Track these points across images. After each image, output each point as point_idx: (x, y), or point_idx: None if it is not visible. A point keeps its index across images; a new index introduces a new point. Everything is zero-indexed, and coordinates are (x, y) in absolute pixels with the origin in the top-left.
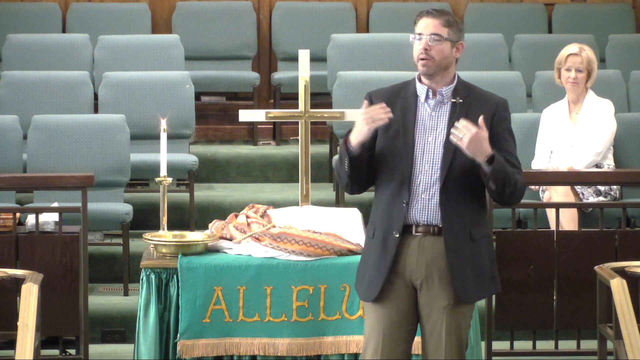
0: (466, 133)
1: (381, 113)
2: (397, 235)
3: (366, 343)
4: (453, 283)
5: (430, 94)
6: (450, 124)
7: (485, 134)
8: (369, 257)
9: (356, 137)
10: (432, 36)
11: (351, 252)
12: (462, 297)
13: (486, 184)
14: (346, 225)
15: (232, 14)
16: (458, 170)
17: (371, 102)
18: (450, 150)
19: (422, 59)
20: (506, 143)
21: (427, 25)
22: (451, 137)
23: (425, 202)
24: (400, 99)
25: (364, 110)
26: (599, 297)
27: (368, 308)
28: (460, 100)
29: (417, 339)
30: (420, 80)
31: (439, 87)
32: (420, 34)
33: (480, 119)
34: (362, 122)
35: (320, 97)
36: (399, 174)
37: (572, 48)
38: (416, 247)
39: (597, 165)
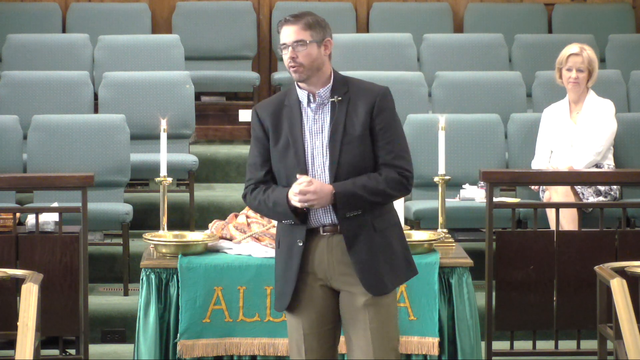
0: (311, 199)
1: (309, 191)
2: (301, 244)
3: (290, 344)
4: (362, 279)
5: (311, 97)
6: (332, 124)
7: (313, 186)
8: (277, 267)
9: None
10: (296, 43)
11: None
12: (376, 290)
13: (338, 214)
14: None
15: (232, 14)
16: (346, 169)
17: (258, 117)
18: (336, 150)
19: (292, 67)
20: (388, 135)
21: (288, 34)
22: (300, 205)
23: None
24: (285, 108)
25: (297, 196)
26: (599, 297)
27: (287, 315)
28: (339, 99)
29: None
30: (299, 86)
31: (317, 89)
32: (284, 44)
33: (299, 176)
34: (295, 201)
35: None
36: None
37: (573, 48)
38: (325, 247)
39: (597, 165)
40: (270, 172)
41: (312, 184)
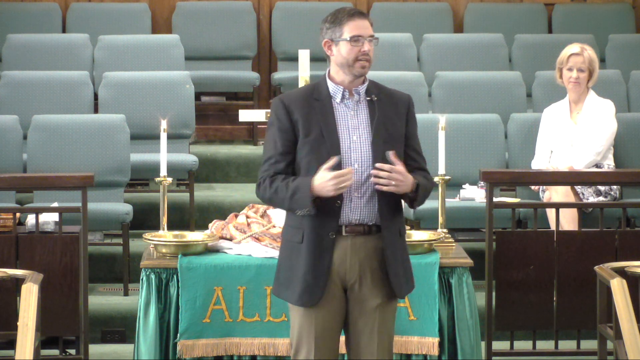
0: (393, 178)
1: (349, 178)
2: (334, 237)
3: (298, 344)
4: (390, 280)
5: (347, 94)
6: (376, 122)
7: (403, 168)
8: (298, 261)
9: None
10: (371, 37)
11: None
12: (398, 293)
13: (407, 202)
14: None
15: (232, 14)
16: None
17: (285, 109)
18: (379, 147)
19: (364, 61)
20: (416, 141)
21: (364, 27)
22: (377, 187)
23: (358, 200)
24: (315, 102)
25: (334, 178)
26: (599, 297)
27: (299, 311)
28: (376, 98)
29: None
30: (333, 82)
31: (354, 87)
32: (359, 36)
33: (392, 154)
34: (331, 188)
35: None
36: None
37: (574, 48)
38: (348, 247)
39: (597, 165)
40: (291, 164)
41: (398, 166)
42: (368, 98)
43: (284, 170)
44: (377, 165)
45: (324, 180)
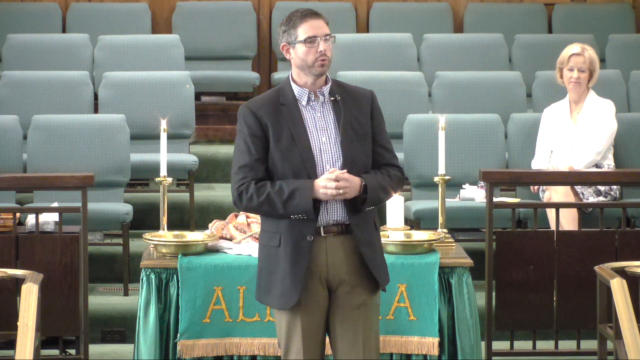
0: (345, 186)
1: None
2: (311, 240)
3: (287, 345)
4: (376, 275)
5: (312, 96)
6: (342, 122)
7: (346, 174)
8: (276, 266)
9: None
10: (327, 36)
11: None
12: (382, 287)
13: (358, 204)
14: None
15: (232, 14)
16: (356, 166)
17: (255, 117)
18: (348, 147)
19: (322, 60)
20: (384, 135)
21: (320, 26)
22: (334, 193)
23: (333, 201)
24: (282, 107)
25: (333, 183)
26: (599, 297)
27: (284, 313)
28: (339, 98)
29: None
30: (297, 84)
31: (318, 88)
32: (314, 36)
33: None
34: (331, 193)
35: None
36: (304, 179)
37: (575, 48)
38: (327, 248)
39: (597, 165)
40: (267, 170)
41: (345, 173)
42: (332, 98)
43: (263, 176)
44: (322, 183)
45: (323, 183)
